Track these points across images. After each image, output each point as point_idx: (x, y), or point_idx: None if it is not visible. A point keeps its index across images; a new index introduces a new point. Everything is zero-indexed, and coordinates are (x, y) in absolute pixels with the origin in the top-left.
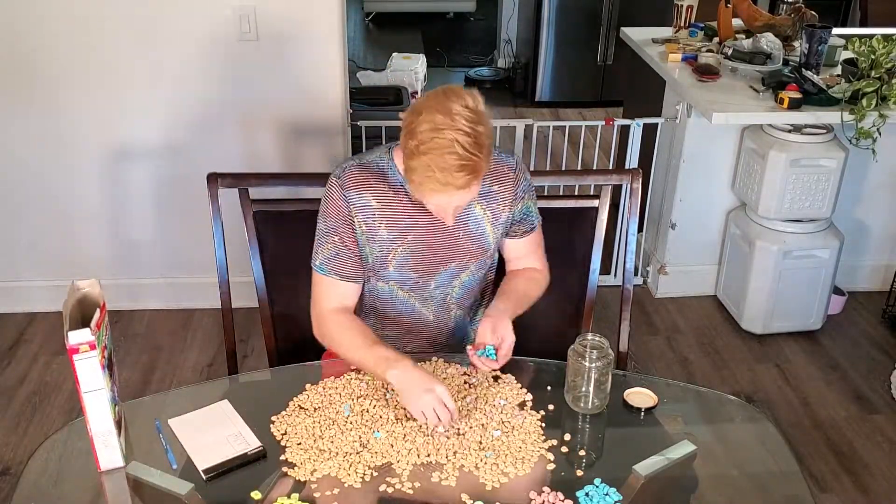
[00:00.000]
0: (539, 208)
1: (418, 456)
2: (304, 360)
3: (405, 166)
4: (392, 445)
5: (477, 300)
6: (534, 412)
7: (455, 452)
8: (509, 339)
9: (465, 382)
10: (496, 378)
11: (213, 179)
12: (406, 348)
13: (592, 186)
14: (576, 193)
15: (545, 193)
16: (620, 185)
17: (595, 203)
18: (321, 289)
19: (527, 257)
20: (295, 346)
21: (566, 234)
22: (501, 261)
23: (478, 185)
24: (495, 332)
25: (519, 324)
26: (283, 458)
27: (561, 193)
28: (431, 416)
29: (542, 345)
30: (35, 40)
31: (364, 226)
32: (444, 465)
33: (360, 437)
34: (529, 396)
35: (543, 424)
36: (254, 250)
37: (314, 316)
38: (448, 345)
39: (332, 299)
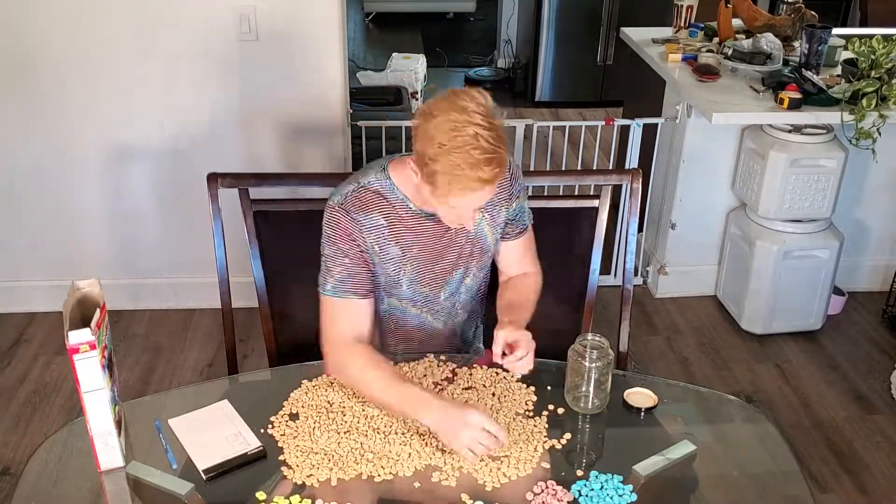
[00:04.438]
0: (539, 208)
1: (420, 457)
2: (303, 360)
3: (425, 173)
4: (390, 447)
5: (477, 303)
6: (533, 412)
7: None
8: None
9: (467, 381)
10: (497, 374)
11: (213, 179)
12: (413, 355)
13: (592, 186)
14: (576, 194)
15: (545, 193)
16: (620, 185)
17: (595, 203)
18: (334, 315)
19: (522, 260)
20: (295, 346)
21: (566, 234)
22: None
23: (501, 179)
24: (524, 343)
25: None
26: (281, 458)
27: (561, 193)
28: (480, 450)
29: (542, 345)
30: (35, 40)
31: (376, 246)
32: (443, 466)
33: (359, 437)
34: (534, 397)
35: (546, 425)
36: (254, 250)
37: (327, 349)
38: (452, 347)
39: (346, 325)
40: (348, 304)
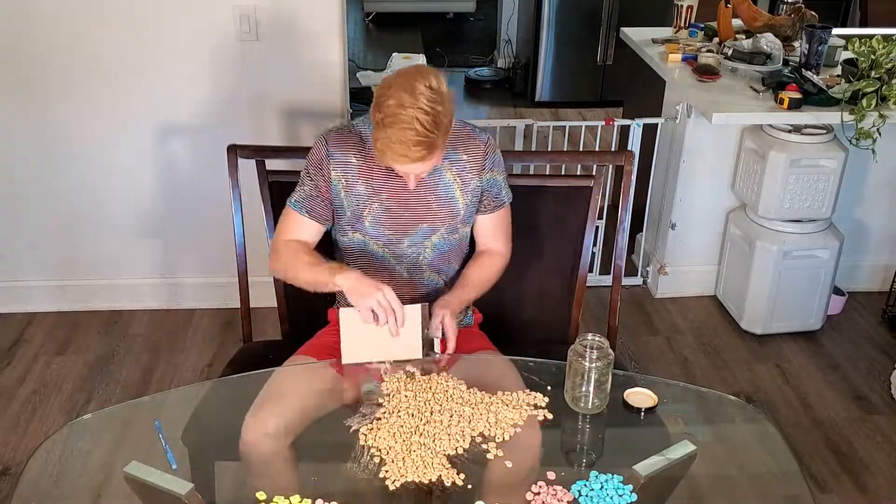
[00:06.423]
0: (535, 186)
1: (420, 458)
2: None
3: (372, 135)
4: (393, 450)
5: (454, 270)
6: (535, 411)
7: (455, 442)
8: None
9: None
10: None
11: (233, 151)
12: None
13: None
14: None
15: (547, 172)
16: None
17: (590, 183)
18: (288, 222)
19: (493, 236)
20: (307, 319)
21: (561, 212)
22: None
23: (433, 160)
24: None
25: (518, 296)
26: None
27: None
28: (381, 314)
29: (535, 315)
30: (35, 41)
31: (343, 180)
32: (444, 467)
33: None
34: (537, 396)
35: (548, 424)
36: (268, 218)
37: (272, 245)
38: (413, 297)
39: (294, 232)
40: (302, 219)
